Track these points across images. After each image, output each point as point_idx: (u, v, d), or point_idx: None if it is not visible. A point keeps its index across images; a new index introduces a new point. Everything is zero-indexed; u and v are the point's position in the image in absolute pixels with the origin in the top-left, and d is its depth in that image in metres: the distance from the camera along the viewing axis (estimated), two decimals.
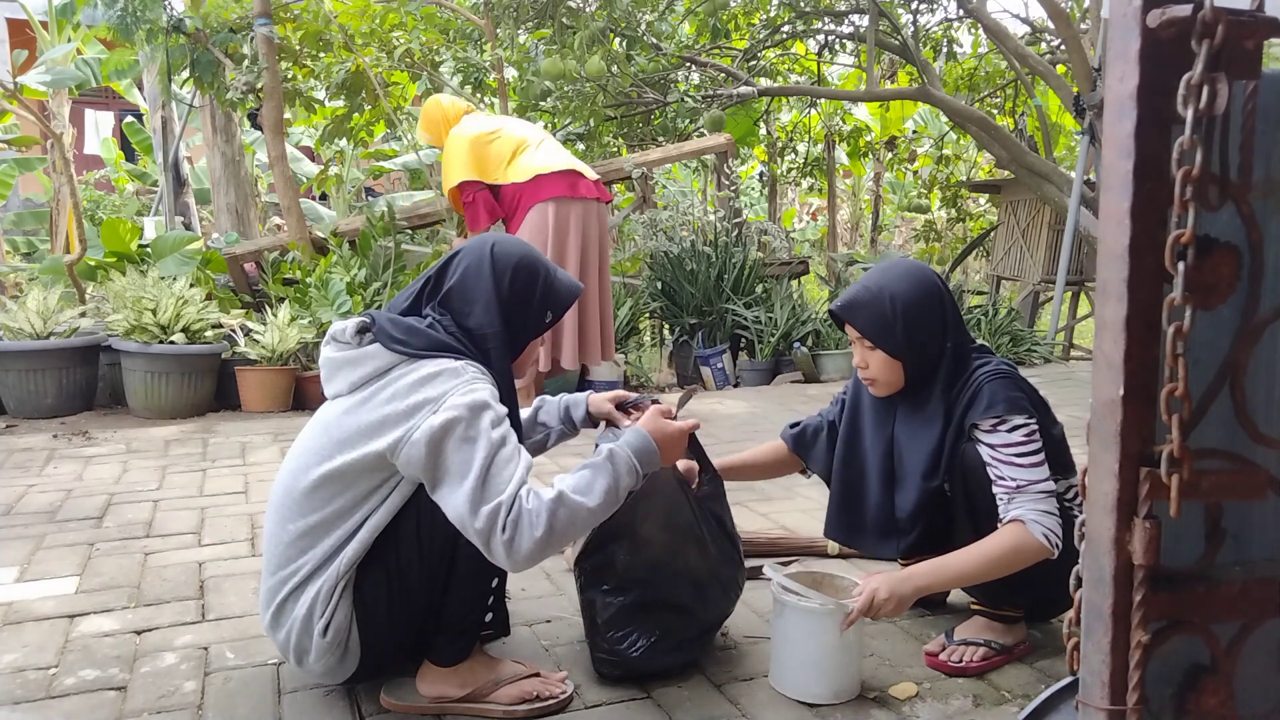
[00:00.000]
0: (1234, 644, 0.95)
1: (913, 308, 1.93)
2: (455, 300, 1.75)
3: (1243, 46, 0.82)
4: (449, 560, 1.68)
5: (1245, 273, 0.88)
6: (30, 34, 9.20)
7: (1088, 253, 7.57)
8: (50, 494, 3.23)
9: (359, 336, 1.72)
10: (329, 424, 1.69)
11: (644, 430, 1.72)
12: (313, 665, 1.71)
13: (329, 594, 1.65)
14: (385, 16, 6.51)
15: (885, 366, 1.97)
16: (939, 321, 1.95)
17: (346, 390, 1.69)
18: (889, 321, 1.93)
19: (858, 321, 1.97)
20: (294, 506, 1.68)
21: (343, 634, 1.67)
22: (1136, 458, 0.87)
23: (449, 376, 1.62)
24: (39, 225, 10.09)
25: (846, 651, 1.83)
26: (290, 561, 1.68)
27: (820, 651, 1.82)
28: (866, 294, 1.96)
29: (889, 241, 14.62)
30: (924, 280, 1.96)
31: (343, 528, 1.65)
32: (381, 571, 1.67)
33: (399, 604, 1.69)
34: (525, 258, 1.79)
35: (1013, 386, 1.89)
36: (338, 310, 4.89)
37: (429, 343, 1.67)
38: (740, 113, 9.21)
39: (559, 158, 4.29)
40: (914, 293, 1.94)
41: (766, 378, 5.85)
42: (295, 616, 1.67)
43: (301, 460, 1.69)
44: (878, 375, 1.99)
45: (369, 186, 11.48)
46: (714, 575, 1.95)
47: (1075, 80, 6.70)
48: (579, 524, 1.60)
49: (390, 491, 1.65)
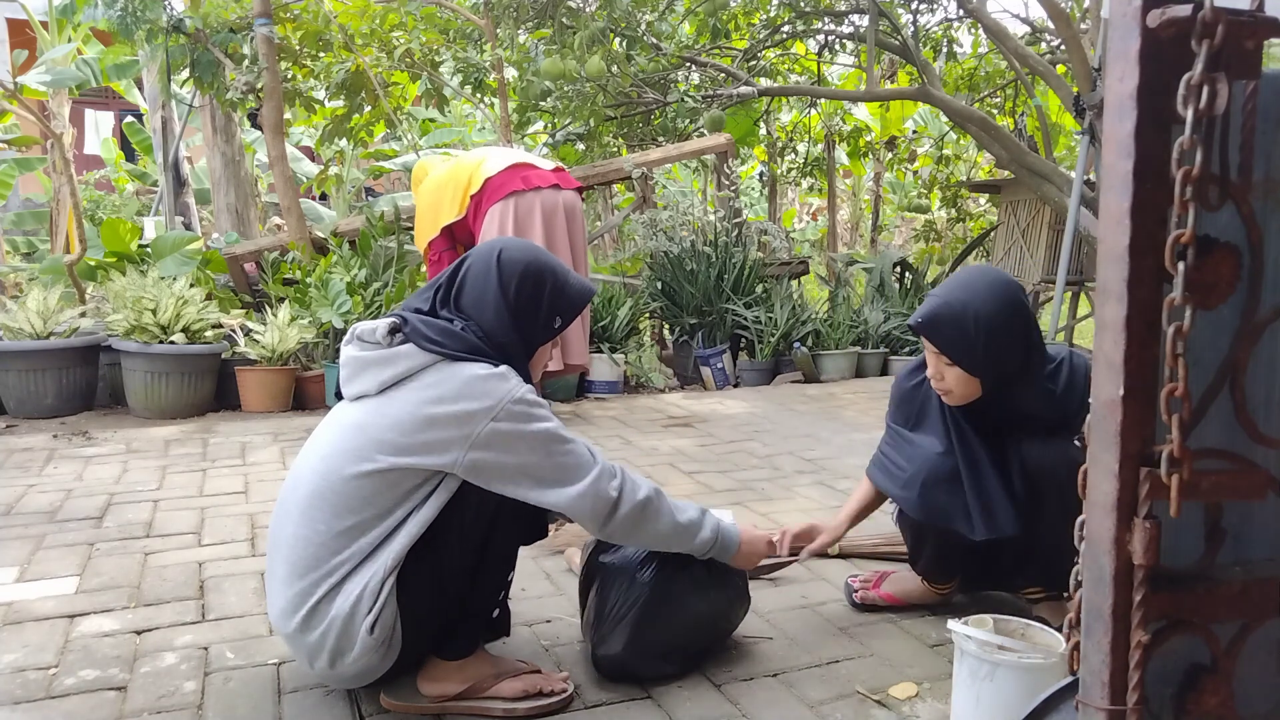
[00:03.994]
0: (1234, 644, 0.95)
1: (999, 328, 1.86)
2: (468, 306, 1.75)
3: (1243, 46, 0.81)
4: (482, 551, 1.70)
5: (1245, 273, 0.88)
6: (30, 34, 9.20)
7: (1088, 253, 7.56)
8: (50, 494, 3.23)
9: (390, 337, 1.71)
10: (363, 424, 1.66)
11: (739, 527, 1.96)
12: (349, 666, 1.67)
13: (376, 590, 1.62)
14: (385, 16, 6.51)
15: (962, 381, 1.92)
16: (1022, 341, 1.90)
17: (375, 390, 1.68)
18: (971, 340, 1.87)
19: (938, 338, 1.91)
20: (326, 505, 1.65)
21: (388, 630, 1.66)
22: (1136, 458, 0.87)
23: (498, 381, 1.65)
24: (39, 225, 10.09)
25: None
26: (324, 561, 1.64)
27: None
28: (949, 311, 1.89)
29: (889, 241, 14.61)
30: (1010, 299, 1.89)
31: (383, 525, 1.64)
32: (425, 566, 1.66)
33: (440, 597, 1.69)
34: (532, 264, 1.79)
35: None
36: (338, 310, 4.88)
37: (464, 345, 1.68)
38: (740, 113, 9.21)
39: (504, 158, 4.30)
40: (1000, 312, 1.87)
41: (766, 378, 5.85)
42: (335, 616, 1.63)
43: (333, 460, 1.67)
44: (954, 388, 1.94)
45: (369, 186, 11.50)
46: (723, 615, 2.02)
47: (1075, 80, 6.70)
48: (660, 523, 1.78)
49: (435, 488, 1.66)
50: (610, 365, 5.41)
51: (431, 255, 4.29)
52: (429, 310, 1.76)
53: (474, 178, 4.20)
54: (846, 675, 1.95)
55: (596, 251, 9.29)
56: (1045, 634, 1.72)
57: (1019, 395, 1.94)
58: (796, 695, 1.87)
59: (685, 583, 1.90)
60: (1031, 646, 1.66)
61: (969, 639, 1.65)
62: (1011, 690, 1.57)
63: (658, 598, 1.87)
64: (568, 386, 5.18)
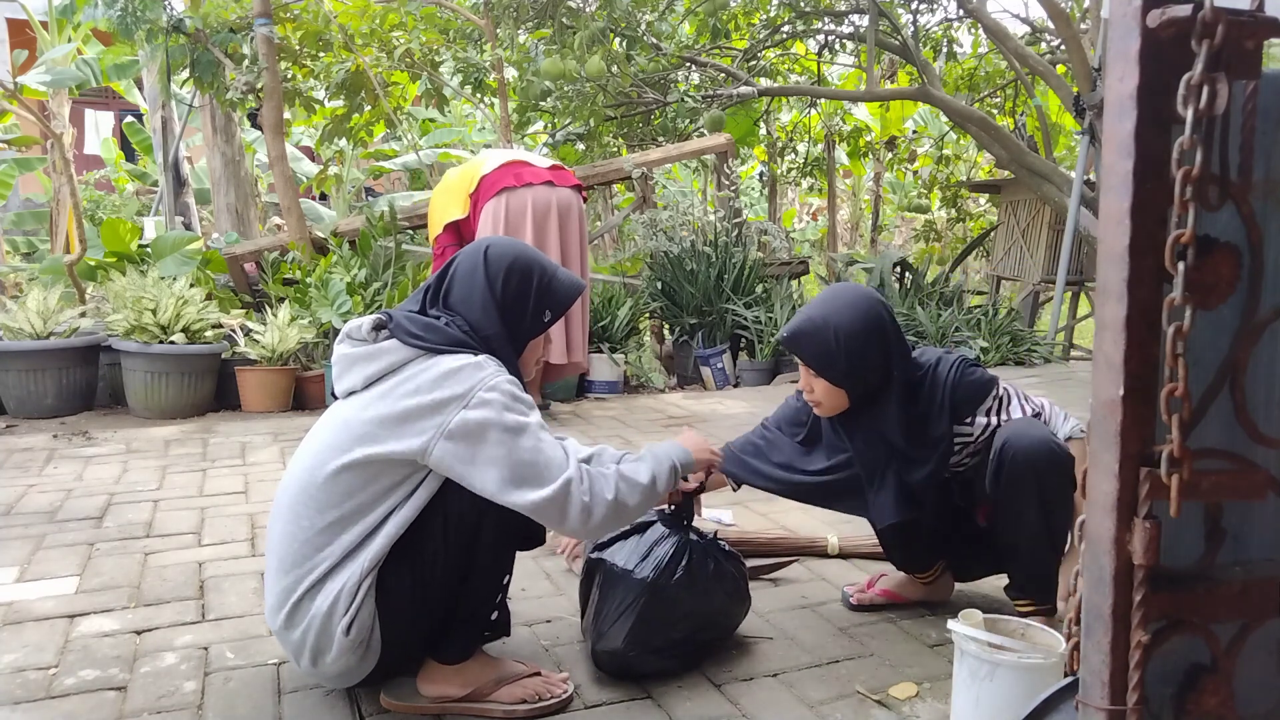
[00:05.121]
0: (1234, 644, 0.95)
1: (855, 341, 1.96)
2: (456, 303, 1.76)
3: (1243, 46, 0.81)
4: (470, 555, 1.69)
5: (1245, 273, 0.88)
6: (30, 34, 9.20)
7: (1088, 253, 7.57)
8: (50, 494, 3.23)
9: (375, 333, 1.73)
10: (348, 419, 1.68)
11: (682, 445, 1.92)
12: (329, 666, 1.68)
13: (353, 591, 1.63)
14: (385, 16, 6.51)
15: (829, 393, 2.02)
16: (881, 354, 1.99)
17: (361, 385, 1.70)
18: (832, 353, 1.96)
19: (802, 352, 2.02)
20: (311, 502, 1.66)
21: (365, 632, 1.66)
22: (1136, 458, 0.87)
23: (472, 370, 1.64)
24: (39, 225, 10.10)
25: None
26: (307, 559, 1.65)
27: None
28: (810, 325, 2.00)
29: (889, 241, 14.61)
30: (867, 313, 1.98)
31: (363, 523, 1.64)
32: (405, 568, 1.66)
33: (421, 601, 1.68)
34: (519, 258, 1.80)
35: (970, 367, 2.02)
36: (338, 310, 4.89)
37: (446, 338, 1.69)
38: (740, 113, 9.21)
39: (500, 157, 4.34)
40: (859, 327, 1.96)
41: (766, 378, 5.84)
42: (314, 615, 1.64)
43: (319, 456, 1.68)
44: (822, 400, 2.05)
45: (369, 186, 11.50)
46: (722, 611, 2.02)
47: (1075, 80, 6.70)
48: (635, 495, 1.73)
49: (415, 487, 1.66)
50: (610, 365, 5.41)
51: (436, 250, 4.36)
52: (419, 309, 1.77)
53: (473, 177, 4.24)
54: (846, 675, 1.95)
55: (596, 251, 9.29)
56: (1045, 634, 1.73)
57: (881, 414, 2.02)
58: (796, 695, 1.87)
59: (686, 580, 1.91)
60: (1031, 646, 1.66)
61: (969, 639, 1.65)
62: (1011, 690, 1.57)
63: (659, 594, 1.88)
64: (568, 387, 5.18)
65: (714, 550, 1.99)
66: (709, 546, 1.99)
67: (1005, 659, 1.60)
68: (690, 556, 1.93)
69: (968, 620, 1.70)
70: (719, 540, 2.04)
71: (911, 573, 2.27)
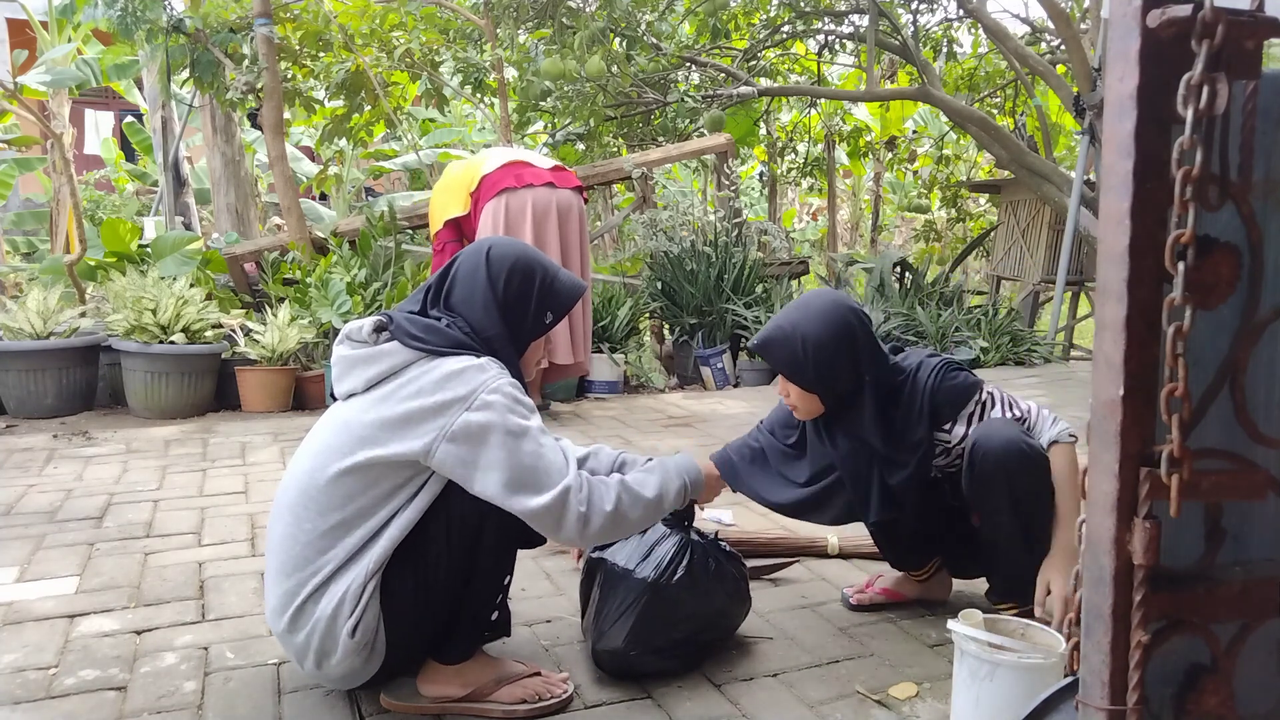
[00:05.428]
0: (1234, 644, 0.95)
1: (823, 349, 1.98)
2: (458, 303, 1.76)
3: (1243, 46, 0.81)
4: (472, 557, 1.69)
5: (1245, 273, 0.88)
6: (30, 34, 9.20)
7: (1088, 253, 7.57)
8: (50, 494, 3.23)
9: (375, 335, 1.73)
10: (349, 422, 1.67)
11: (696, 465, 1.90)
12: (334, 668, 1.67)
13: (358, 593, 1.62)
14: (385, 16, 6.51)
15: (803, 398, 2.06)
16: (850, 361, 2.01)
17: (362, 388, 1.69)
18: (800, 361, 1.99)
19: (772, 360, 2.07)
20: (312, 504, 1.66)
21: (370, 634, 1.66)
22: (1136, 458, 0.87)
23: (475, 372, 1.64)
24: (39, 225, 10.10)
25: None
26: (309, 562, 1.65)
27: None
28: (780, 334, 2.03)
29: (889, 241, 14.61)
30: (836, 320, 2.00)
31: (366, 525, 1.64)
32: (409, 570, 1.66)
33: (424, 603, 1.68)
34: (521, 259, 1.80)
35: (951, 372, 2.03)
36: (338, 310, 4.89)
37: (447, 340, 1.68)
38: (740, 113, 9.21)
39: (502, 156, 4.34)
40: (823, 334, 1.99)
41: (766, 378, 5.84)
42: (319, 617, 1.64)
43: (320, 458, 1.68)
44: (798, 404, 2.08)
45: (369, 186, 11.50)
46: (723, 612, 2.02)
47: (1075, 80, 6.70)
48: (638, 509, 1.72)
49: (418, 489, 1.65)
50: (610, 365, 5.41)
51: (437, 245, 4.36)
52: (419, 310, 1.77)
53: (475, 175, 4.24)
54: (846, 675, 1.95)
55: (596, 251, 9.29)
56: (1045, 634, 1.73)
57: (858, 417, 2.04)
58: (796, 695, 1.87)
59: (687, 580, 1.91)
60: (1031, 646, 1.66)
61: (969, 639, 1.65)
62: (1011, 690, 1.57)
63: (660, 594, 1.88)
64: (568, 387, 5.18)
65: (715, 551, 1.99)
66: (710, 547, 1.99)
67: (1005, 659, 1.60)
68: (691, 557, 1.93)
69: (968, 620, 1.70)
70: (719, 541, 2.04)
71: (905, 570, 2.29)
